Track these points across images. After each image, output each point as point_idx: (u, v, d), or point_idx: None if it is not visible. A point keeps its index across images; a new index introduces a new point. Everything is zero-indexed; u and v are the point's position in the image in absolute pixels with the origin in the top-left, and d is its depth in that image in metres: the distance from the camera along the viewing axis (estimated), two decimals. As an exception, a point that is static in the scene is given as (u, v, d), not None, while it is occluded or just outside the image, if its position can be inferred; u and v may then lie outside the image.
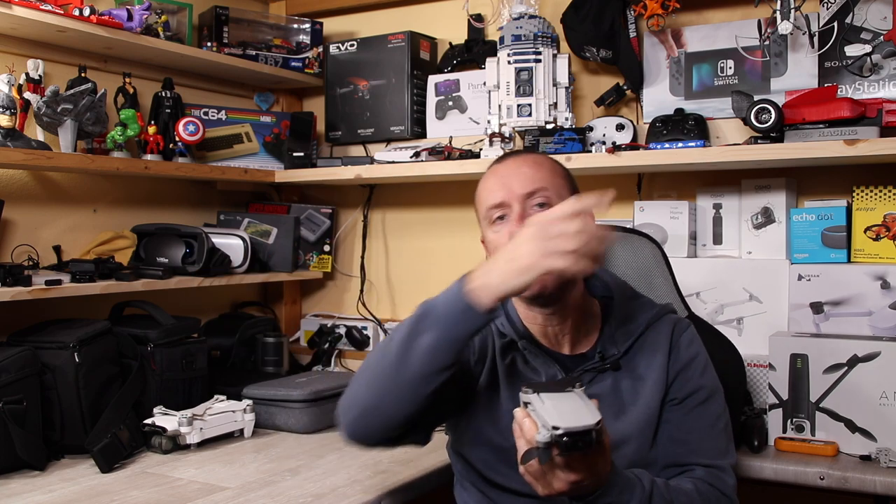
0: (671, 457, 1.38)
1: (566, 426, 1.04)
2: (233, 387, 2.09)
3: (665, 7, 2.03)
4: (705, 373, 1.43)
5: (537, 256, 1.13)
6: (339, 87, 2.64)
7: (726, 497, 1.34)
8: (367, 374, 1.27)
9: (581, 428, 1.05)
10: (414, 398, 1.22)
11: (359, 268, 2.72)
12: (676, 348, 1.43)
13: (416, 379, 1.21)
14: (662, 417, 1.39)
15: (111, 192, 2.32)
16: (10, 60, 2.03)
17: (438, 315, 1.20)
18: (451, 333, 1.19)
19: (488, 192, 1.42)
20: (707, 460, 1.36)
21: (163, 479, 1.65)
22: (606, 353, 1.42)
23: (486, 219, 1.43)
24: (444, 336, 1.19)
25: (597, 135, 2.18)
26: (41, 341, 1.80)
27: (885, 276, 1.80)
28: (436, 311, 1.21)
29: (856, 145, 1.78)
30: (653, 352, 1.42)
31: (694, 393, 1.40)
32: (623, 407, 1.40)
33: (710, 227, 2.12)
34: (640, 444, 1.37)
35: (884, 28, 1.91)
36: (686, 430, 1.38)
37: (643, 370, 1.41)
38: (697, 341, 1.46)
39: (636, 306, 1.48)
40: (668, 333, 1.44)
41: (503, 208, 1.40)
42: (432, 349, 1.19)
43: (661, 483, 1.27)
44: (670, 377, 1.41)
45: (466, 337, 1.20)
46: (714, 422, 1.40)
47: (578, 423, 1.05)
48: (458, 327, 1.19)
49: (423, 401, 1.22)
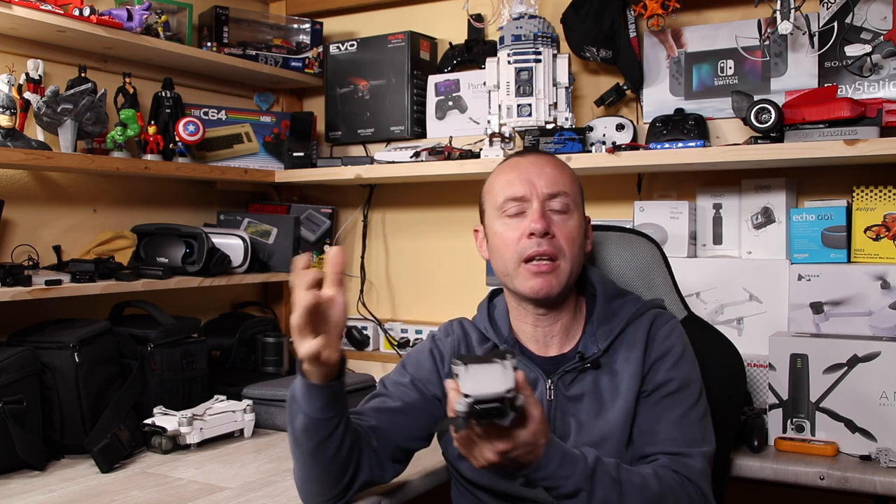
0: (639, 449, 1.36)
1: (476, 394, 1.06)
2: (233, 387, 2.08)
3: (665, 7, 2.03)
4: (679, 365, 1.40)
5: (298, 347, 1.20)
6: (339, 87, 2.64)
7: (690, 482, 1.30)
8: (292, 452, 1.36)
9: (490, 396, 1.07)
10: (324, 465, 1.31)
11: (359, 268, 2.72)
12: (652, 341, 1.41)
13: (313, 452, 1.30)
14: (636, 411, 1.38)
15: (111, 192, 2.32)
16: (10, 60, 2.03)
17: (298, 399, 1.28)
18: (313, 410, 1.27)
19: (508, 184, 1.42)
20: (672, 448, 1.33)
21: (163, 479, 1.65)
22: (587, 352, 1.42)
23: (499, 210, 1.42)
24: (308, 415, 1.27)
25: (597, 135, 2.18)
26: (41, 341, 1.80)
27: (885, 276, 1.80)
28: (296, 396, 1.29)
29: (856, 145, 1.78)
30: (630, 348, 1.41)
31: (663, 384, 1.38)
32: (603, 405, 1.39)
33: (710, 227, 2.12)
34: (620, 440, 1.36)
35: (884, 28, 1.91)
36: (653, 422, 1.36)
37: (620, 366, 1.40)
38: (676, 334, 1.44)
39: (619, 304, 1.47)
40: (646, 328, 1.43)
41: (522, 203, 1.40)
42: (307, 428, 1.28)
43: (611, 462, 1.25)
44: (644, 370, 1.39)
45: (327, 407, 1.27)
46: (686, 412, 1.36)
47: (489, 390, 1.07)
48: (315, 404, 1.27)
49: (334, 462, 1.31)
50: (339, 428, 1.29)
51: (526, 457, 1.16)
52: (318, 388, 1.25)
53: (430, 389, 1.46)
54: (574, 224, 1.41)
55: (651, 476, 1.27)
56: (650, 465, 1.32)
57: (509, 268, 1.41)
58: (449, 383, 1.15)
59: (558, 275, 1.38)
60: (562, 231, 1.39)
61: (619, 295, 1.50)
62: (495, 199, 1.44)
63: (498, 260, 1.44)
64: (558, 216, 1.40)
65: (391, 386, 1.46)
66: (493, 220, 1.44)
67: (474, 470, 1.41)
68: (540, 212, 1.38)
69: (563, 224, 1.40)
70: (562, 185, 1.41)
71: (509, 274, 1.42)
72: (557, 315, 1.44)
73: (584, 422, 1.37)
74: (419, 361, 1.50)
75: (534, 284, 1.38)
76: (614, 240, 1.71)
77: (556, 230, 1.39)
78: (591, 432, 1.35)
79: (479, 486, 1.43)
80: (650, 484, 1.26)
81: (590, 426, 1.37)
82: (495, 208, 1.44)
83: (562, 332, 1.46)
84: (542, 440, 1.17)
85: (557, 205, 1.40)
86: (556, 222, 1.39)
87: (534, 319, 1.45)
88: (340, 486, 1.34)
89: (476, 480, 1.42)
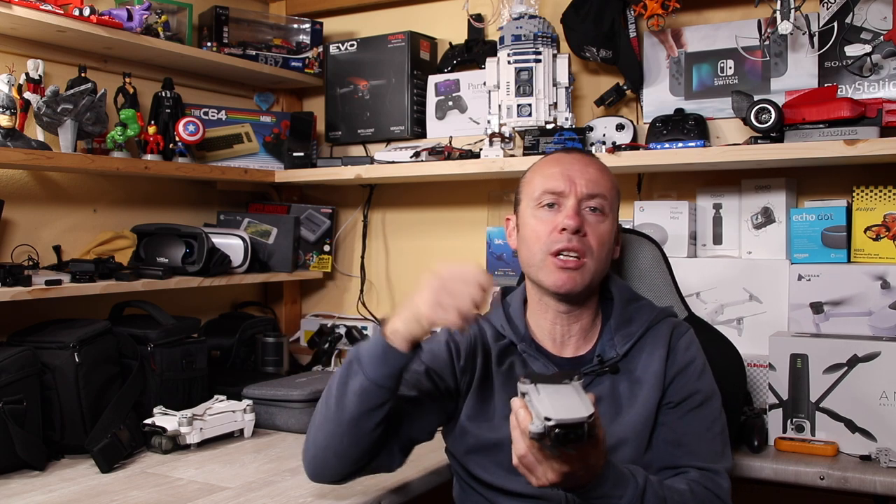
0: (666, 459, 1.38)
1: (559, 417, 1.05)
2: (233, 387, 2.08)
3: (665, 7, 2.03)
4: (702, 377, 1.42)
5: (429, 308, 1.25)
6: (339, 87, 2.64)
7: (720, 500, 1.34)
8: (318, 418, 1.36)
9: (573, 420, 1.06)
10: (358, 436, 1.31)
11: (359, 268, 2.72)
12: (674, 352, 1.42)
13: (355, 419, 1.31)
14: (658, 420, 1.39)
15: (111, 192, 2.32)
16: (10, 60, 2.02)
17: (363, 360, 1.30)
18: (377, 375, 1.28)
19: (548, 177, 1.43)
20: (702, 463, 1.36)
21: (163, 479, 1.65)
22: (605, 356, 1.43)
23: (535, 200, 1.43)
24: (370, 378, 1.29)
25: (597, 135, 2.18)
26: (41, 341, 1.80)
27: (885, 276, 1.80)
28: (361, 356, 1.31)
29: (856, 145, 1.78)
30: (650, 355, 1.42)
31: (690, 396, 1.40)
32: (620, 409, 1.40)
33: (710, 227, 2.12)
34: (636, 446, 1.37)
35: (884, 28, 1.91)
36: (681, 433, 1.38)
37: (640, 373, 1.41)
38: (695, 345, 1.46)
39: (636, 309, 1.48)
40: (666, 336, 1.43)
41: (559, 197, 1.41)
42: (363, 391, 1.29)
43: (656, 480, 1.27)
44: (667, 380, 1.40)
45: (392, 376, 1.30)
46: (710, 425, 1.39)
47: (571, 415, 1.06)
48: (381, 369, 1.28)
49: (368, 437, 1.31)
50: (388, 403, 1.31)
51: (586, 477, 1.17)
52: (396, 354, 1.27)
53: (444, 381, 1.45)
54: (606, 228, 1.42)
55: (688, 493, 1.30)
56: (684, 479, 1.34)
57: (536, 259, 1.41)
58: (516, 402, 1.14)
59: (583, 273, 1.39)
60: (594, 232, 1.40)
61: (635, 299, 1.50)
62: (533, 190, 1.44)
63: (526, 250, 1.44)
64: (593, 217, 1.41)
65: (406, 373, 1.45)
66: (528, 210, 1.45)
67: (484, 467, 1.41)
68: (575, 209, 1.39)
69: (597, 225, 1.41)
70: (602, 187, 1.42)
71: (535, 265, 1.42)
72: (578, 315, 1.45)
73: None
74: (435, 352, 1.47)
75: (557, 279, 1.39)
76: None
77: (589, 230, 1.40)
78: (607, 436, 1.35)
79: (487, 484, 1.42)
80: (688, 501, 1.29)
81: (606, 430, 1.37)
82: (532, 199, 1.44)
83: (580, 332, 1.46)
84: (601, 461, 1.18)
85: (594, 206, 1.41)
86: (589, 222, 1.40)
87: (553, 316, 1.45)
88: (358, 464, 1.35)
89: (484, 478, 1.42)
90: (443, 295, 1.24)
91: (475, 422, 1.43)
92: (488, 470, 1.41)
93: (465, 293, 1.24)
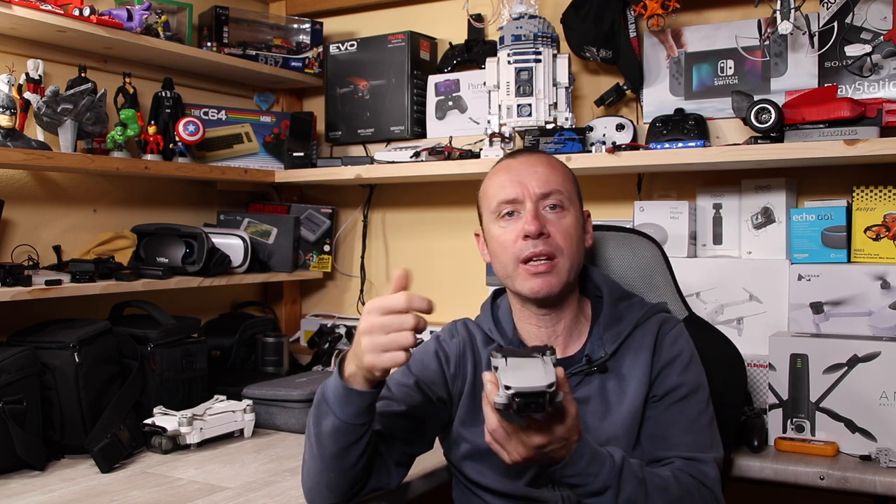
0: (651, 452, 1.37)
1: (518, 386, 1.07)
2: (233, 387, 2.08)
3: (665, 7, 2.03)
4: (688, 370, 1.41)
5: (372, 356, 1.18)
6: (339, 87, 2.64)
7: (706, 488, 1.32)
8: (306, 453, 1.35)
9: (532, 389, 1.07)
10: (343, 469, 1.30)
11: (359, 268, 2.72)
12: (660, 346, 1.42)
13: (336, 456, 1.29)
14: (645, 415, 1.39)
15: (111, 192, 2.32)
16: (10, 60, 2.03)
17: (330, 401, 1.27)
18: (346, 415, 1.26)
19: (500, 187, 1.43)
20: (687, 453, 1.35)
21: (163, 479, 1.65)
22: (594, 356, 1.43)
23: (495, 213, 1.43)
24: (340, 418, 1.26)
25: (597, 135, 2.18)
26: (41, 341, 1.80)
27: (885, 276, 1.80)
28: (328, 397, 1.28)
29: (856, 145, 1.78)
30: (638, 351, 1.42)
31: (674, 389, 1.39)
32: (609, 408, 1.40)
33: (710, 227, 2.12)
34: (626, 443, 1.37)
35: (884, 28, 1.91)
36: (665, 426, 1.37)
37: (627, 370, 1.41)
38: (683, 339, 1.45)
39: (626, 307, 1.47)
40: (653, 333, 1.43)
41: (515, 205, 1.41)
42: (336, 431, 1.27)
43: (636, 462, 1.27)
44: (653, 375, 1.40)
45: (361, 413, 1.26)
46: (696, 417, 1.38)
47: (531, 383, 1.07)
48: (348, 408, 1.25)
49: (352, 469, 1.30)
50: (366, 436, 1.29)
51: (559, 452, 1.17)
52: (358, 394, 1.24)
53: (435, 392, 1.45)
54: (570, 221, 1.42)
55: (671, 478, 1.30)
56: (667, 467, 1.33)
57: (508, 269, 1.41)
58: (487, 375, 1.15)
59: (557, 273, 1.39)
60: (557, 229, 1.40)
61: (625, 297, 1.50)
62: (490, 203, 1.44)
63: (497, 262, 1.45)
64: (553, 214, 1.41)
65: (395, 388, 1.44)
66: (490, 223, 1.45)
67: (479, 471, 1.41)
68: (533, 213, 1.38)
69: (559, 222, 1.40)
70: (554, 183, 1.42)
71: (509, 276, 1.42)
72: (560, 315, 1.45)
73: (590, 424, 1.37)
74: (424, 363, 1.48)
75: (533, 285, 1.38)
76: (615, 240, 1.71)
77: (552, 229, 1.39)
78: (597, 435, 1.35)
79: (484, 487, 1.43)
80: (671, 486, 1.28)
81: (595, 429, 1.37)
82: (490, 211, 1.44)
83: (565, 332, 1.46)
84: (574, 436, 1.18)
85: (552, 203, 1.41)
86: (551, 221, 1.40)
87: (537, 320, 1.45)
88: (352, 491, 1.34)
89: (481, 482, 1.42)
90: (379, 338, 1.17)
91: (468, 427, 1.43)
92: (485, 474, 1.41)
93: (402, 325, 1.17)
